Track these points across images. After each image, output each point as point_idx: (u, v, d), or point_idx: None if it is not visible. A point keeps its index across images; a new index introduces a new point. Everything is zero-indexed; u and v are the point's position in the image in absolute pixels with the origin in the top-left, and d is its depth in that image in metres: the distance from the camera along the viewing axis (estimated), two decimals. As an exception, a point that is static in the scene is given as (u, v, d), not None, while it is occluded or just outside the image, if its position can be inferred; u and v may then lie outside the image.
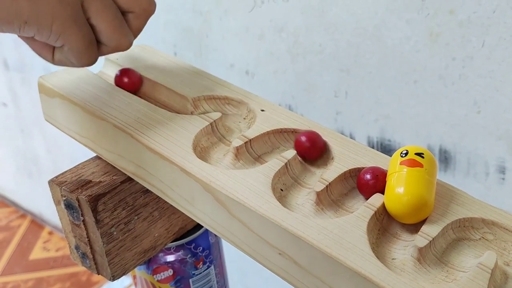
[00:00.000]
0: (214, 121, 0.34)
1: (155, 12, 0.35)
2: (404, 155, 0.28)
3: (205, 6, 0.65)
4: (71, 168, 0.37)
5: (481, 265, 0.25)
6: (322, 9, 0.54)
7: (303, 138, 0.32)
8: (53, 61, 0.33)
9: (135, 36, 0.35)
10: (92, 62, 0.33)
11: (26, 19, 0.28)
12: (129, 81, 0.38)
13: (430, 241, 0.26)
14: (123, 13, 0.33)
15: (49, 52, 0.32)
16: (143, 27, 0.35)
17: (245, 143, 0.33)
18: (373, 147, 0.54)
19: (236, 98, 0.37)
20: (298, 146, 0.32)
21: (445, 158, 0.52)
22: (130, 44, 0.33)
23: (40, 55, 0.33)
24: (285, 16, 0.57)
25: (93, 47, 0.32)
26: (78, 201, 0.34)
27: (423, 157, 0.27)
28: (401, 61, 0.50)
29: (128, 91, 0.37)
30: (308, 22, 0.55)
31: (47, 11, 0.28)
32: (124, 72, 0.38)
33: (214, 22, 0.65)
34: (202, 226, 0.42)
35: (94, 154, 0.38)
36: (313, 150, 0.32)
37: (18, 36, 0.31)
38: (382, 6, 0.49)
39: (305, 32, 0.56)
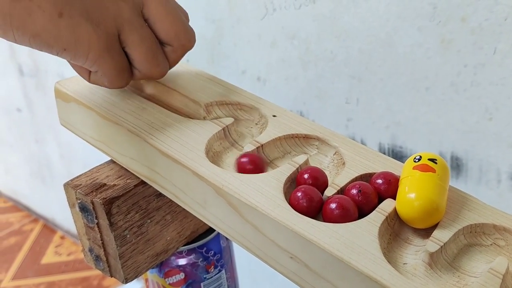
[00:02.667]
0: (227, 126, 0.35)
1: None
2: (417, 160, 0.28)
3: (218, 14, 0.65)
4: (86, 172, 0.38)
5: (492, 270, 0.25)
6: (334, 17, 0.54)
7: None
8: (89, 81, 0.35)
9: (171, 67, 0.36)
10: (124, 85, 0.34)
11: (65, 47, 0.30)
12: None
13: (442, 246, 0.26)
14: (162, 44, 0.34)
15: (86, 74, 0.34)
16: (179, 60, 0.36)
17: (257, 148, 0.33)
18: (384, 154, 0.54)
19: (248, 103, 0.37)
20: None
21: (457, 165, 0.52)
22: (163, 74, 0.35)
23: (78, 73, 0.35)
24: (297, 24, 0.58)
25: (125, 73, 0.33)
26: (93, 204, 0.35)
27: (436, 163, 0.28)
28: (412, 68, 0.51)
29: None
30: (320, 30, 0.56)
31: (85, 40, 0.30)
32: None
33: (226, 30, 0.65)
34: (213, 230, 0.43)
35: (107, 160, 0.39)
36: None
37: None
38: (394, 13, 0.50)
39: (317, 39, 0.57)
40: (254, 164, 0.32)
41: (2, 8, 0.28)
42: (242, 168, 0.32)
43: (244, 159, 0.32)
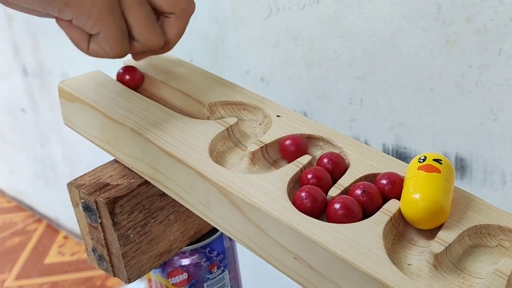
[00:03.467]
0: (230, 126, 0.35)
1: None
2: (422, 160, 0.28)
3: (221, 14, 0.65)
4: (90, 171, 0.38)
5: (497, 271, 0.25)
6: (338, 17, 0.54)
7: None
8: (87, 50, 0.34)
9: (179, 38, 0.36)
10: (124, 53, 0.34)
11: (67, 1, 0.29)
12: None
13: (446, 247, 0.26)
14: (165, 15, 0.35)
15: (85, 41, 0.34)
16: (185, 27, 0.36)
17: (260, 148, 0.33)
18: (388, 155, 0.54)
19: (252, 103, 0.37)
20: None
21: (462, 166, 0.51)
22: (160, 44, 0.35)
23: (76, 44, 0.34)
24: (300, 24, 0.58)
25: (126, 39, 0.33)
26: (96, 203, 0.35)
27: (441, 163, 0.27)
28: (417, 69, 0.50)
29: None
30: (323, 30, 0.56)
31: (90, 3, 0.30)
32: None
33: (230, 30, 0.65)
34: (217, 231, 0.43)
35: (111, 160, 0.39)
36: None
37: (57, 22, 0.32)
38: (398, 14, 0.49)
39: (321, 39, 0.57)
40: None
41: None
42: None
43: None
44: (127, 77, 0.39)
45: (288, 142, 0.33)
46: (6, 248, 1.39)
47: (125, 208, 0.35)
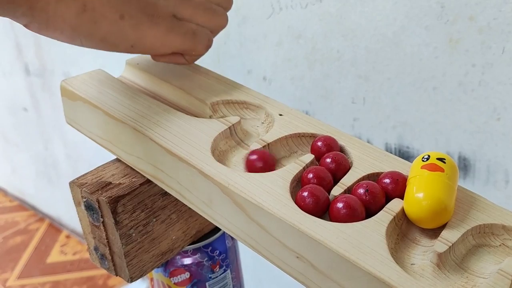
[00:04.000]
0: (233, 125, 0.35)
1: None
2: (425, 159, 0.28)
3: (224, 13, 0.65)
4: (92, 170, 0.38)
5: (501, 271, 0.25)
6: (341, 16, 0.54)
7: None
8: (188, 63, 0.37)
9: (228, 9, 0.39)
10: (208, 43, 0.37)
11: (132, 43, 0.32)
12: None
13: (450, 247, 0.26)
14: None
15: (181, 58, 0.37)
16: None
17: (263, 147, 0.33)
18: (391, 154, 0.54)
19: (254, 102, 0.37)
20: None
21: (464, 166, 0.51)
22: (226, 21, 0.38)
23: (176, 63, 0.37)
24: (303, 23, 0.58)
25: (201, 33, 0.36)
26: (98, 202, 0.35)
27: (444, 162, 0.27)
28: (420, 68, 0.50)
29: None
30: (326, 29, 0.56)
31: (148, 33, 0.32)
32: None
33: (232, 29, 0.65)
34: (219, 230, 0.43)
35: (113, 158, 0.39)
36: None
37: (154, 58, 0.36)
38: (401, 12, 0.49)
39: (323, 38, 0.56)
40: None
41: (69, 21, 0.30)
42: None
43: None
44: (259, 165, 0.32)
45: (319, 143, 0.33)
46: (8, 247, 1.40)
47: (127, 207, 0.35)
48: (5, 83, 1.29)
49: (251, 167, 0.32)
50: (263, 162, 0.31)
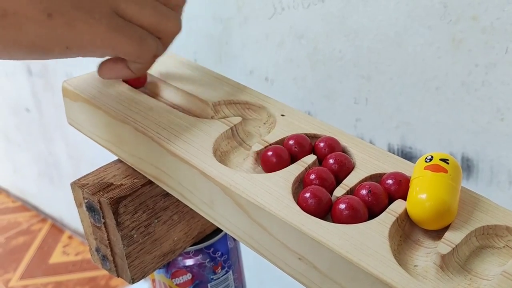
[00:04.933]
0: (235, 125, 0.35)
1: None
2: (428, 160, 0.27)
3: (226, 13, 0.65)
4: (93, 171, 0.37)
5: (505, 273, 0.25)
6: (343, 16, 0.54)
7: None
8: (134, 73, 0.33)
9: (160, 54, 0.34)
10: (160, 52, 0.33)
11: (67, 44, 0.28)
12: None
13: (453, 248, 0.26)
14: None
15: (127, 71, 0.33)
16: (166, 48, 0.34)
17: (265, 147, 0.33)
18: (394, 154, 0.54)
19: (256, 103, 0.37)
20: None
21: (468, 166, 0.51)
22: (179, 27, 0.33)
23: (125, 80, 0.34)
24: (305, 23, 0.57)
25: (148, 39, 0.31)
26: (100, 203, 0.35)
27: (447, 163, 0.27)
28: (422, 68, 0.50)
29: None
30: (328, 29, 0.55)
31: (84, 31, 0.28)
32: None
33: (234, 29, 0.65)
34: (221, 231, 0.42)
35: (115, 159, 0.39)
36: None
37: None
38: (404, 12, 0.49)
39: (325, 38, 0.56)
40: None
41: None
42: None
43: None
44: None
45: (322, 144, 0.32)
46: (11, 248, 1.40)
47: (128, 208, 0.35)
48: (7, 83, 1.29)
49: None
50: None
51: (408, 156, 0.55)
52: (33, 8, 0.27)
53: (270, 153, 0.31)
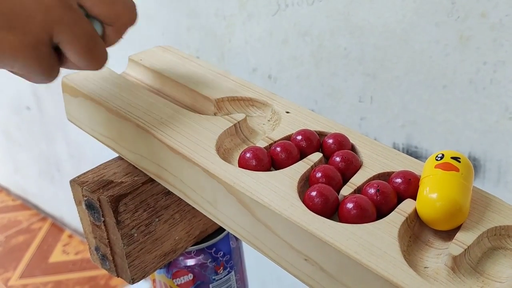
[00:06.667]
0: (238, 122, 0.34)
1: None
2: (439, 158, 0.27)
3: (228, 10, 0.64)
4: (93, 168, 0.37)
5: (520, 276, 0.24)
6: (348, 12, 0.53)
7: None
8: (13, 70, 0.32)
9: (113, 45, 0.34)
10: (52, 81, 0.32)
11: None
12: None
13: (465, 250, 0.25)
14: (103, 23, 0.32)
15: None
16: (121, 37, 0.34)
17: (270, 144, 0.32)
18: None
19: (260, 99, 0.36)
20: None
21: (475, 166, 0.50)
22: (101, 67, 0.32)
23: None
24: (309, 20, 0.56)
25: (55, 72, 0.31)
26: (99, 201, 0.34)
27: (459, 161, 0.26)
28: (429, 66, 0.49)
29: None
30: (333, 26, 0.55)
31: (9, 52, 0.27)
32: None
33: (237, 27, 0.64)
34: (223, 231, 0.42)
35: (114, 157, 0.38)
36: None
37: None
38: (411, 9, 0.48)
39: (330, 36, 0.55)
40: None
41: None
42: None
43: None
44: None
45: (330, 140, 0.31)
46: (10, 247, 1.39)
47: (129, 207, 0.34)
48: (8, 82, 1.28)
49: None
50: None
51: (414, 155, 0.54)
52: None
53: (278, 148, 0.30)
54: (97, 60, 0.31)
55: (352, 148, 0.32)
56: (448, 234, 0.27)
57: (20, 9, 0.27)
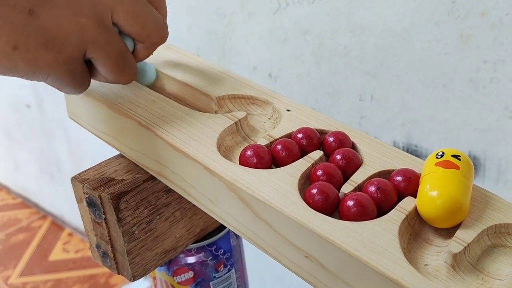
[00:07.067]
0: (239, 120, 0.34)
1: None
2: (439, 156, 0.27)
3: (229, 9, 0.64)
4: (94, 166, 0.37)
5: (520, 273, 0.24)
6: (349, 11, 0.53)
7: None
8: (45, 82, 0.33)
9: (142, 60, 0.35)
10: (82, 92, 0.33)
11: (23, 75, 0.29)
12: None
13: (465, 247, 0.25)
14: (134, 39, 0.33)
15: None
16: (151, 54, 0.35)
17: (270, 142, 0.32)
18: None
19: (261, 97, 0.36)
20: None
21: (475, 165, 0.50)
22: (130, 81, 0.33)
23: None
24: (310, 19, 0.57)
25: (86, 84, 0.32)
26: (101, 198, 0.34)
27: (459, 159, 0.26)
28: (429, 64, 0.49)
29: None
30: (333, 25, 0.55)
31: (43, 69, 0.29)
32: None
33: (237, 25, 0.64)
34: (223, 228, 0.42)
35: (116, 154, 0.38)
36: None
37: None
38: (411, 7, 0.48)
39: (331, 34, 0.55)
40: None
41: None
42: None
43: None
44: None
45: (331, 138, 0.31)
46: (10, 245, 1.39)
47: (130, 204, 0.34)
48: (8, 79, 1.28)
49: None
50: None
51: (414, 154, 0.54)
52: (0, 36, 0.27)
53: (279, 146, 0.31)
54: (126, 75, 0.33)
55: (353, 146, 0.32)
56: (448, 232, 0.27)
57: (57, 29, 0.28)
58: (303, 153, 0.31)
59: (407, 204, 0.27)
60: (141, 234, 0.36)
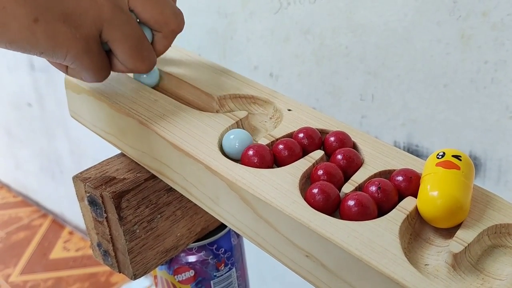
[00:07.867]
0: (240, 119, 0.34)
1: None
2: (440, 156, 0.27)
3: (230, 8, 0.64)
4: (95, 165, 0.37)
5: (520, 273, 0.24)
6: (350, 11, 0.53)
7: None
8: (66, 73, 0.34)
9: (162, 53, 0.35)
10: (102, 80, 0.33)
11: (43, 51, 0.29)
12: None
13: (466, 247, 0.25)
14: (151, 29, 0.33)
15: (64, 68, 0.33)
16: (170, 45, 0.35)
17: (271, 142, 0.32)
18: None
19: (262, 97, 0.36)
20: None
21: (475, 165, 0.50)
22: (150, 68, 0.34)
23: (55, 67, 0.34)
24: (311, 18, 0.57)
25: (104, 71, 0.33)
26: (102, 197, 0.34)
27: (460, 160, 0.26)
28: (430, 64, 0.49)
29: None
30: (334, 24, 0.55)
31: (63, 44, 0.29)
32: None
33: (238, 24, 0.64)
34: (224, 227, 0.42)
35: (117, 153, 0.38)
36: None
37: None
38: (412, 7, 0.48)
39: (332, 34, 0.55)
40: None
41: None
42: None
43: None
44: None
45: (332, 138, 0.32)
46: (11, 243, 1.39)
47: (131, 203, 0.34)
48: (9, 78, 1.28)
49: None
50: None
51: (415, 154, 0.54)
52: (21, 8, 0.27)
53: (280, 146, 0.31)
54: (144, 61, 0.33)
55: (354, 146, 0.32)
56: (449, 232, 0.27)
57: (75, 5, 0.29)
58: (304, 152, 0.31)
59: (407, 204, 0.27)
60: (142, 233, 0.36)
